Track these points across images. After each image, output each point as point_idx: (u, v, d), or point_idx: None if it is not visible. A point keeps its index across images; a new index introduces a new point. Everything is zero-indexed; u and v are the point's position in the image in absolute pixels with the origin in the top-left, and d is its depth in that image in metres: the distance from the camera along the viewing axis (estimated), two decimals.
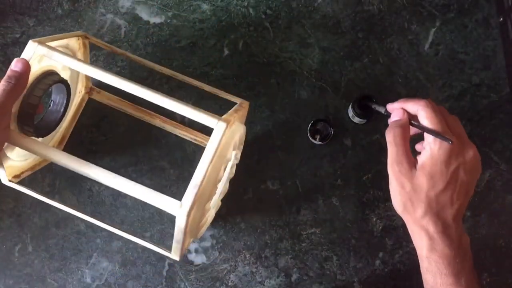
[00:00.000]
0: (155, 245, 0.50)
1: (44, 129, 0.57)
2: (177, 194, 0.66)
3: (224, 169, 0.50)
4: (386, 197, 0.66)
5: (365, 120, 0.65)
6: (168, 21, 0.69)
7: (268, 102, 0.68)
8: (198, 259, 0.66)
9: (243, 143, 0.56)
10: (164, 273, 0.66)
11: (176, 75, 0.57)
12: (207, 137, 0.66)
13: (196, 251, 0.66)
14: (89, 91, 0.65)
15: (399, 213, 0.47)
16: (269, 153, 0.67)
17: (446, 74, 0.68)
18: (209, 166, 0.43)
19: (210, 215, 0.57)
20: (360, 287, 0.65)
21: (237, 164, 0.68)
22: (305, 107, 0.67)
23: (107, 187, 0.66)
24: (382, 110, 0.52)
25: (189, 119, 0.66)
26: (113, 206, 0.66)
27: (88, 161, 0.57)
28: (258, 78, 0.68)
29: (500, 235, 0.66)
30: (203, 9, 0.69)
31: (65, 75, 0.56)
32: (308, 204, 0.67)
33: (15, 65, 0.46)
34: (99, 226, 0.66)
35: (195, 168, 0.67)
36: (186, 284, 0.65)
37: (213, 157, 0.43)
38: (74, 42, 0.56)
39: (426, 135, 0.45)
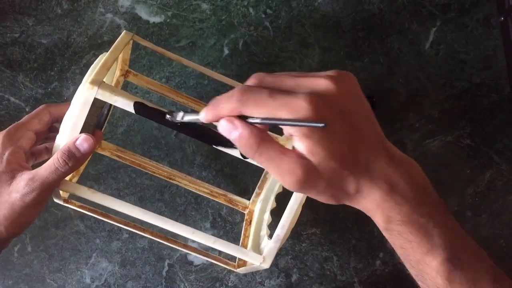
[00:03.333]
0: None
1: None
2: (177, 194, 0.66)
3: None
4: None
5: None
6: (168, 20, 0.69)
7: None
8: (198, 259, 0.66)
9: None
10: (164, 274, 0.65)
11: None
12: None
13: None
14: (124, 73, 0.59)
15: (342, 203, 0.36)
16: None
17: (446, 73, 0.68)
18: (289, 222, 0.43)
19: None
20: (360, 287, 0.65)
21: (236, 162, 0.68)
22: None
23: (106, 187, 0.66)
24: (194, 117, 0.35)
25: None
26: None
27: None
28: None
29: (501, 235, 0.65)
30: (203, 9, 0.69)
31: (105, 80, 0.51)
32: (308, 204, 0.66)
33: (80, 143, 0.40)
34: (98, 227, 0.66)
35: (195, 168, 0.67)
36: (186, 284, 0.65)
37: (293, 215, 0.42)
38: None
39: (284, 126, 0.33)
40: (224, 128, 0.32)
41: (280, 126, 0.32)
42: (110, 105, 0.51)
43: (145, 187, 0.66)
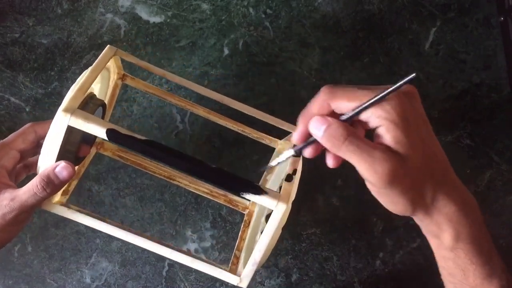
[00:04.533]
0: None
1: (81, 157, 0.53)
2: (177, 194, 0.66)
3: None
4: None
5: None
6: (168, 20, 0.69)
7: (268, 102, 0.67)
8: None
9: None
10: (164, 274, 0.65)
11: (228, 100, 0.52)
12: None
13: (196, 251, 0.66)
14: (121, 77, 0.58)
15: (414, 216, 0.36)
16: (269, 153, 0.67)
17: (446, 73, 0.68)
18: (266, 246, 0.42)
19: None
20: (360, 287, 0.65)
21: (236, 163, 0.68)
22: (305, 107, 0.67)
23: (106, 187, 0.66)
24: (291, 153, 0.37)
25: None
26: (113, 206, 0.66)
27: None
28: (258, 78, 0.68)
29: (501, 235, 0.65)
30: (203, 9, 0.69)
31: (96, 89, 0.50)
32: (308, 204, 0.66)
33: (59, 171, 0.40)
34: None
35: None
36: (186, 284, 0.65)
37: (270, 239, 0.42)
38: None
39: (370, 114, 0.32)
40: (315, 125, 0.33)
41: (366, 121, 0.33)
42: (103, 114, 0.51)
43: (145, 187, 0.66)
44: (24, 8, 0.69)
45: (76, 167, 0.54)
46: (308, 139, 0.35)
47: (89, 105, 0.44)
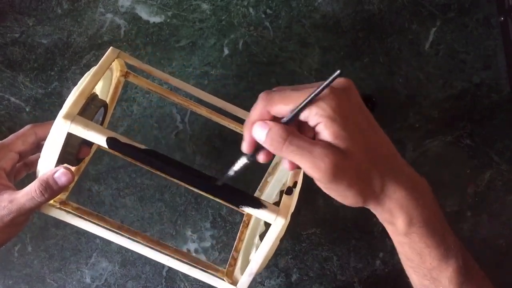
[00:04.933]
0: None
1: (82, 158, 0.52)
2: (177, 194, 0.66)
3: None
4: None
5: None
6: (168, 20, 0.69)
7: None
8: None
9: None
10: (164, 273, 0.65)
11: (226, 106, 0.51)
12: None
13: (196, 251, 0.66)
14: (125, 74, 0.58)
15: (366, 206, 0.36)
16: None
17: (446, 73, 0.68)
18: (263, 258, 0.42)
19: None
20: (360, 287, 0.65)
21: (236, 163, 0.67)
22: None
23: (106, 187, 0.66)
24: (244, 161, 0.38)
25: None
26: (113, 206, 0.66)
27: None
28: (258, 78, 0.68)
29: (500, 235, 0.65)
30: (203, 9, 0.69)
31: (98, 86, 0.49)
32: (308, 204, 0.66)
33: (58, 176, 0.40)
34: None
35: (195, 168, 0.67)
36: (186, 284, 0.65)
37: (268, 251, 0.42)
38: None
39: (308, 114, 0.33)
40: (257, 130, 0.34)
41: (306, 120, 0.33)
42: (105, 113, 0.51)
43: (145, 187, 0.66)
44: (24, 8, 0.69)
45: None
46: (257, 145, 0.36)
47: (90, 107, 0.44)
